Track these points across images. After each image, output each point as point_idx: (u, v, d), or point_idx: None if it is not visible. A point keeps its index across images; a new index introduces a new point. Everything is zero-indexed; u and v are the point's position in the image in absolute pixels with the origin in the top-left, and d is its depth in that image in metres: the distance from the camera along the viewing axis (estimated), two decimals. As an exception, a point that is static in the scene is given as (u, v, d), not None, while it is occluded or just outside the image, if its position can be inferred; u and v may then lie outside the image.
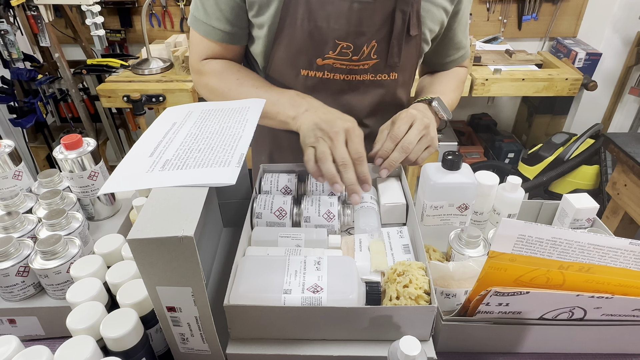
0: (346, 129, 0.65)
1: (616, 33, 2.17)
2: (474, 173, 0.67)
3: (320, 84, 0.79)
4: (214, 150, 0.54)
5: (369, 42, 0.74)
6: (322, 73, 0.78)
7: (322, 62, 0.76)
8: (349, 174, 0.63)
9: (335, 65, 0.77)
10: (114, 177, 0.51)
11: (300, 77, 0.78)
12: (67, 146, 0.66)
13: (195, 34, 0.79)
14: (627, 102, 2.23)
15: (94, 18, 1.78)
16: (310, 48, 0.75)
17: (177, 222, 0.42)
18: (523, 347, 0.58)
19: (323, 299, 0.49)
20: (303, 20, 0.72)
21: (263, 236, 0.63)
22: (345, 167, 0.63)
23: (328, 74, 0.78)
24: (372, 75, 0.79)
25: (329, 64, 0.76)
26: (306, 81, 0.79)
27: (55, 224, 0.61)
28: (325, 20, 0.72)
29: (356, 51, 0.75)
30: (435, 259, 0.65)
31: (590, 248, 0.49)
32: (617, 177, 1.51)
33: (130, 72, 1.88)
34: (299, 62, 0.77)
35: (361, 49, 0.75)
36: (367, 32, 0.73)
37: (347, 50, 0.75)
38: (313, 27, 0.72)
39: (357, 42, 0.74)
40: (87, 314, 0.49)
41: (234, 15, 0.75)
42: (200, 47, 0.80)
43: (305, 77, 0.78)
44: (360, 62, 0.77)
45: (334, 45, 0.74)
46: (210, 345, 0.51)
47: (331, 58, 0.75)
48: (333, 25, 0.72)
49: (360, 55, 0.76)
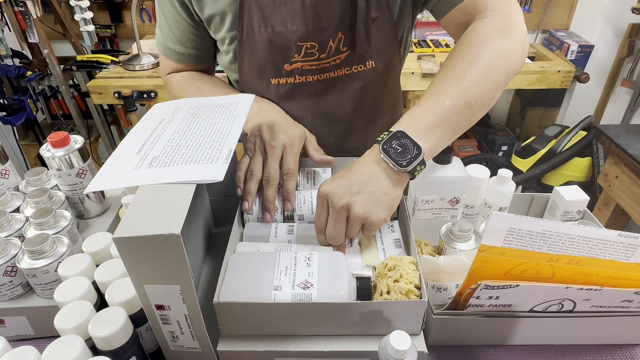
0: (284, 145, 0.65)
1: (608, 25, 2.18)
2: (465, 166, 0.67)
3: (294, 89, 0.75)
4: (202, 147, 0.53)
5: (334, 35, 0.69)
6: (292, 78, 0.74)
7: (290, 68, 0.72)
8: (268, 191, 0.63)
9: (304, 68, 0.72)
10: (100, 175, 0.50)
11: (271, 87, 0.75)
12: (54, 144, 0.66)
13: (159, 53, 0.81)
14: (619, 94, 2.24)
15: (83, 13, 1.76)
16: (274, 55, 0.71)
17: (164, 220, 0.42)
18: (514, 339, 0.59)
19: (313, 295, 0.49)
20: (260, 29, 0.68)
21: (256, 232, 0.63)
22: (267, 183, 0.63)
23: (300, 78, 0.74)
24: (348, 69, 0.74)
25: (298, 67, 0.72)
26: (278, 89, 0.75)
27: (43, 223, 0.60)
28: (282, 24, 0.68)
29: (322, 49, 0.70)
30: (426, 252, 0.65)
31: (579, 240, 0.50)
32: (608, 169, 1.52)
33: (121, 68, 1.87)
34: (267, 72, 0.74)
35: (327, 46, 0.70)
36: (329, 26, 0.68)
37: (312, 50, 0.70)
38: (271, 34, 0.69)
39: (320, 40, 0.69)
40: (75, 313, 0.48)
41: (185, 38, 0.75)
42: (164, 63, 0.82)
43: (276, 86, 0.75)
44: (330, 59, 0.72)
45: (298, 48, 0.70)
46: (200, 343, 0.51)
47: (298, 61, 0.71)
48: (291, 28, 0.68)
49: (328, 52, 0.71)
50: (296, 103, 0.76)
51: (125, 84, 1.74)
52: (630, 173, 1.39)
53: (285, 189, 0.64)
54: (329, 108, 0.78)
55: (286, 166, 0.65)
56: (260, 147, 0.66)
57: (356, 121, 0.82)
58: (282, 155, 0.65)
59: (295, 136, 0.67)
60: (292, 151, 0.65)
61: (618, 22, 2.12)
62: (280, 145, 0.65)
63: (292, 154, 0.65)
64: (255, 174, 0.64)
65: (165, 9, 0.72)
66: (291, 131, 0.67)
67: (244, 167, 0.65)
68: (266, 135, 0.66)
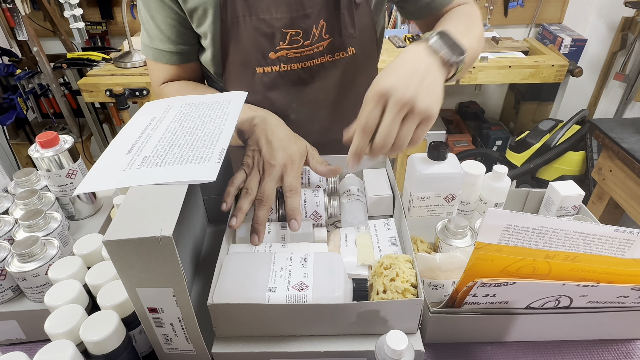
0: (284, 164, 0.62)
1: (601, 19, 2.18)
2: (460, 162, 0.66)
3: (278, 78, 0.76)
4: (193, 146, 0.52)
5: (317, 22, 0.71)
6: (277, 67, 0.74)
7: (275, 56, 0.73)
8: (260, 212, 0.60)
9: (289, 56, 0.74)
10: (90, 176, 0.49)
11: (256, 76, 0.75)
12: (42, 144, 0.64)
13: (149, 61, 0.79)
14: (612, 88, 2.24)
15: (73, 10, 1.73)
16: (259, 43, 0.72)
17: (155, 222, 0.41)
18: (511, 336, 0.58)
19: (308, 296, 0.48)
20: (245, 17, 0.69)
21: (247, 233, 0.62)
22: (260, 203, 0.60)
23: (284, 66, 0.75)
24: (330, 56, 0.76)
25: (283, 55, 0.73)
26: (263, 78, 0.76)
27: (32, 225, 0.59)
28: (267, 12, 0.69)
29: (306, 36, 0.72)
30: (423, 250, 0.65)
31: (575, 236, 0.49)
32: (602, 163, 1.52)
33: (113, 66, 1.84)
34: (252, 61, 0.74)
35: (311, 32, 0.72)
36: (312, 13, 0.70)
37: (297, 37, 0.72)
38: (256, 21, 0.70)
39: (304, 26, 0.71)
40: (66, 317, 0.47)
41: (175, 34, 0.74)
42: (155, 72, 0.80)
43: (262, 75, 0.75)
44: (314, 46, 0.73)
45: (282, 35, 0.71)
46: (195, 345, 0.50)
47: (283, 49, 0.72)
48: (275, 15, 0.69)
49: (311, 38, 0.72)
50: (281, 92, 0.77)
51: (117, 82, 1.72)
52: (623, 167, 1.40)
53: (290, 206, 0.61)
54: (312, 96, 0.79)
55: (288, 184, 0.62)
56: (258, 164, 0.63)
57: (339, 107, 0.83)
58: (281, 174, 0.63)
59: (296, 153, 0.65)
60: (293, 169, 0.63)
61: (611, 16, 2.12)
62: (280, 164, 0.62)
63: (293, 172, 0.63)
64: (251, 192, 0.61)
65: (152, 6, 0.71)
66: (292, 148, 0.65)
67: (237, 183, 0.62)
68: (265, 152, 0.63)
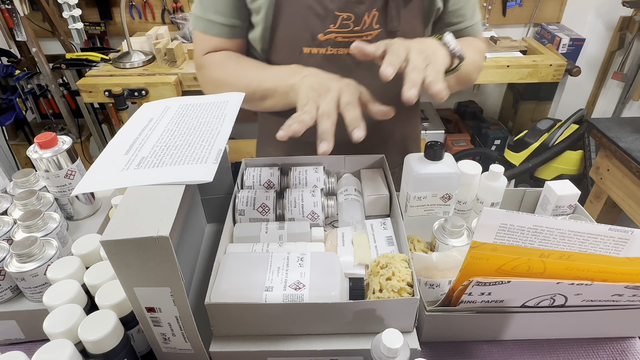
0: (339, 88, 0.62)
1: (599, 18, 2.18)
2: (457, 162, 0.67)
3: (324, 61, 0.76)
4: (191, 147, 0.52)
5: (370, 10, 0.72)
6: (325, 49, 0.75)
7: (324, 38, 0.74)
8: (323, 124, 0.58)
9: (337, 40, 0.74)
10: (88, 177, 0.49)
11: (303, 56, 0.76)
12: (41, 145, 0.65)
13: (196, 33, 0.79)
14: (610, 87, 2.25)
15: (72, 10, 1.74)
16: (311, 23, 0.73)
17: (152, 222, 0.41)
18: (506, 334, 0.59)
19: (305, 296, 0.49)
20: None
21: (244, 232, 0.63)
22: (322, 117, 0.59)
23: (332, 50, 0.75)
24: None
25: (331, 38, 0.74)
26: (309, 59, 0.76)
27: (31, 226, 0.59)
28: None
29: (357, 21, 0.73)
30: (419, 249, 0.66)
31: (570, 235, 0.50)
32: (600, 162, 1.53)
33: (111, 66, 1.84)
34: (301, 40, 0.75)
35: (362, 19, 0.72)
36: (367, 0, 0.71)
37: (348, 22, 0.73)
38: (312, 1, 0.71)
39: (357, 12, 0.72)
40: (64, 316, 0.48)
41: (229, 8, 0.74)
42: (201, 43, 0.80)
43: (308, 55, 0.76)
44: (363, 33, 0.74)
45: (334, 18, 0.72)
46: (192, 344, 0.50)
47: (333, 32, 0.73)
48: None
49: (362, 25, 0.73)
50: None
51: (116, 82, 1.72)
52: (621, 166, 1.40)
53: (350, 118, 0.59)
54: None
55: (345, 100, 0.60)
56: (314, 95, 0.62)
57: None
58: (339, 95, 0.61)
59: (351, 82, 0.64)
60: (350, 90, 0.62)
61: (609, 15, 2.13)
62: (336, 89, 0.61)
63: (349, 92, 0.61)
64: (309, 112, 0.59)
65: None
66: (345, 79, 0.64)
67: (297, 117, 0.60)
68: (317, 86, 0.63)
